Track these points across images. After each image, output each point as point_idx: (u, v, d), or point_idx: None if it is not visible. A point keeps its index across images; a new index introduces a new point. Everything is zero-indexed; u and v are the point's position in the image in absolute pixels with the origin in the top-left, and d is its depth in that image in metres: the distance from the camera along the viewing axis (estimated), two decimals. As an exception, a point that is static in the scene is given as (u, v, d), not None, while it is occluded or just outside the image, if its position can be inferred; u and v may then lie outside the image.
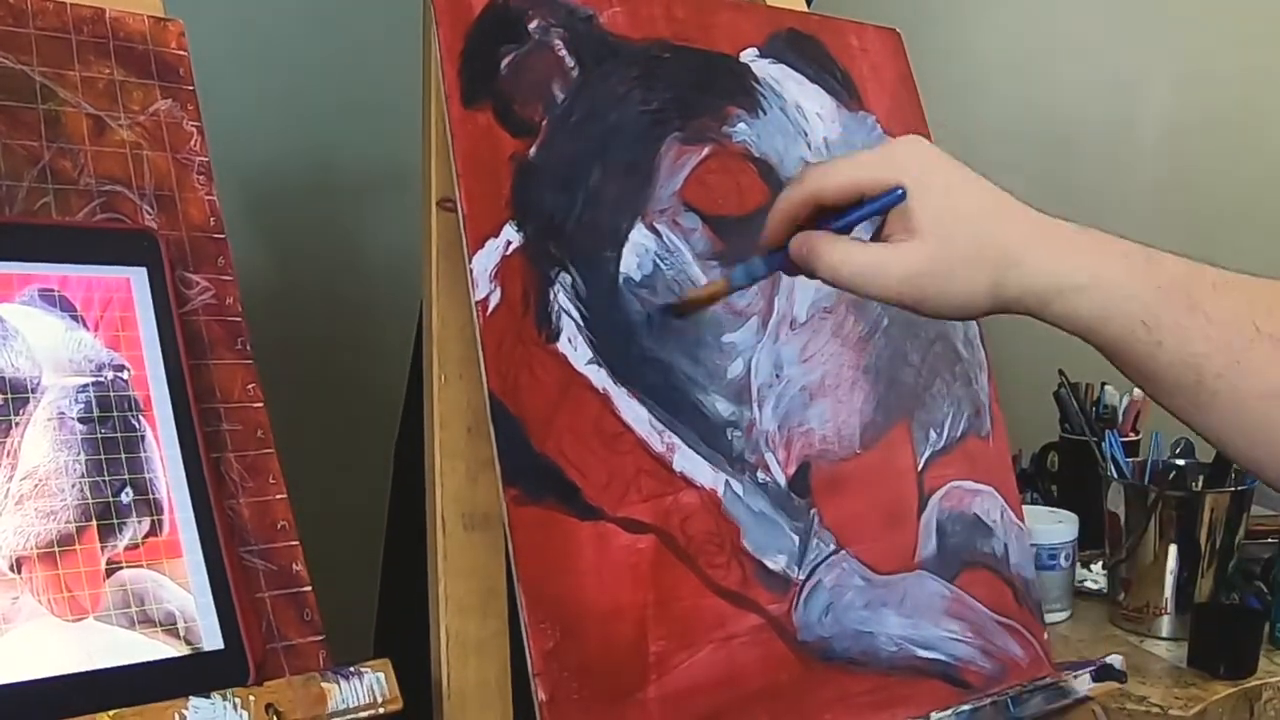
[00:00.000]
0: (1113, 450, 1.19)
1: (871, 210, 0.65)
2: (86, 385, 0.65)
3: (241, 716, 0.60)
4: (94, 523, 0.63)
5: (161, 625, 0.63)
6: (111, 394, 0.66)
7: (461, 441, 0.77)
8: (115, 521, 0.64)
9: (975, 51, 1.85)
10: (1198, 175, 1.80)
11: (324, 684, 0.64)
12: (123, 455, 0.65)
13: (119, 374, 0.67)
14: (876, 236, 0.66)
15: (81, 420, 0.64)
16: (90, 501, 0.63)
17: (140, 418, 0.67)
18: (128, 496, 0.64)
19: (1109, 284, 0.62)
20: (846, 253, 0.65)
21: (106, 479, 0.64)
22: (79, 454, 0.64)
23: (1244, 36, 1.81)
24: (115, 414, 0.66)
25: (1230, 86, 1.81)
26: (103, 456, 0.65)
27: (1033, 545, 0.96)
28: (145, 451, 0.66)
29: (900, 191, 0.64)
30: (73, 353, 0.66)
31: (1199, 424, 0.63)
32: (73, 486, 0.63)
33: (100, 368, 0.66)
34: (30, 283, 0.65)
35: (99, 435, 0.65)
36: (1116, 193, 1.80)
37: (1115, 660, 0.91)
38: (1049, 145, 1.82)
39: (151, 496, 0.65)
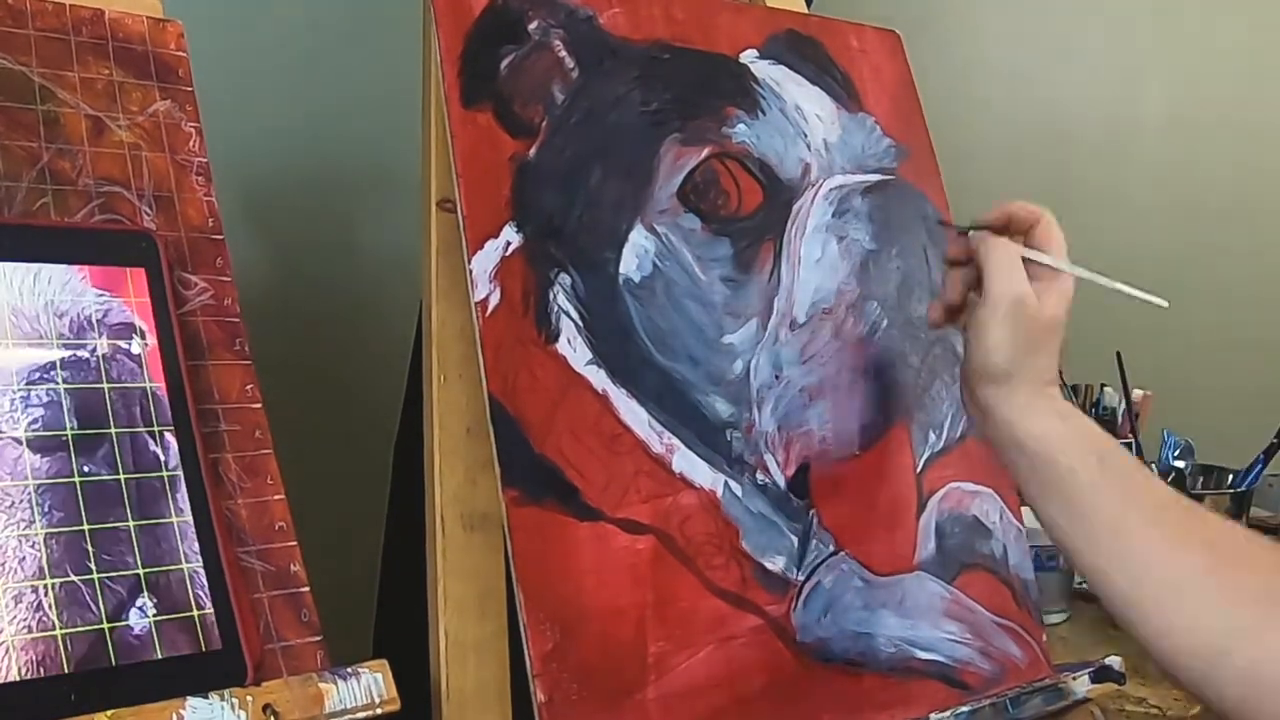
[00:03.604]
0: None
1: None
2: (85, 386, 0.65)
3: (239, 717, 0.60)
4: (92, 523, 0.63)
5: (160, 626, 0.63)
6: (110, 394, 0.66)
7: (461, 442, 0.77)
8: (114, 522, 0.64)
9: (974, 53, 1.85)
10: (1197, 173, 1.81)
11: (322, 684, 0.64)
12: (121, 456, 0.65)
13: (118, 374, 0.67)
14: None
15: (80, 421, 0.64)
16: (89, 502, 0.63)
17: (139, 418, 0.66)
18: (126, 497, 0.64)
19: (1086, 426, 0.76)
20: (1014, 258, 0.77)
21: (105, 479, 0.64)
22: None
23: (1242, 34, 1.81)
24: (114, 414, 0.66)
25: (1229, 84, 1.81)
26: (101, 457, 0.64)
27: (1032, 547, 0.96)
28: (144, 452, 0.66)
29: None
30: (71, 353, 0.65)
31: (1087, 563, 0.73)
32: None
33: (99, 368, 0.66)
34: (29, 283, 0.65)
35: (98, 436, 0.65)
36: (1115, 192, 1.80)
37: (1114, 662, 0.91)
38: (1048, 145, 1.82)
39: (150, 497, 0.65)
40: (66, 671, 0.59)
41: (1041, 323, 0.76)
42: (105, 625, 0.61)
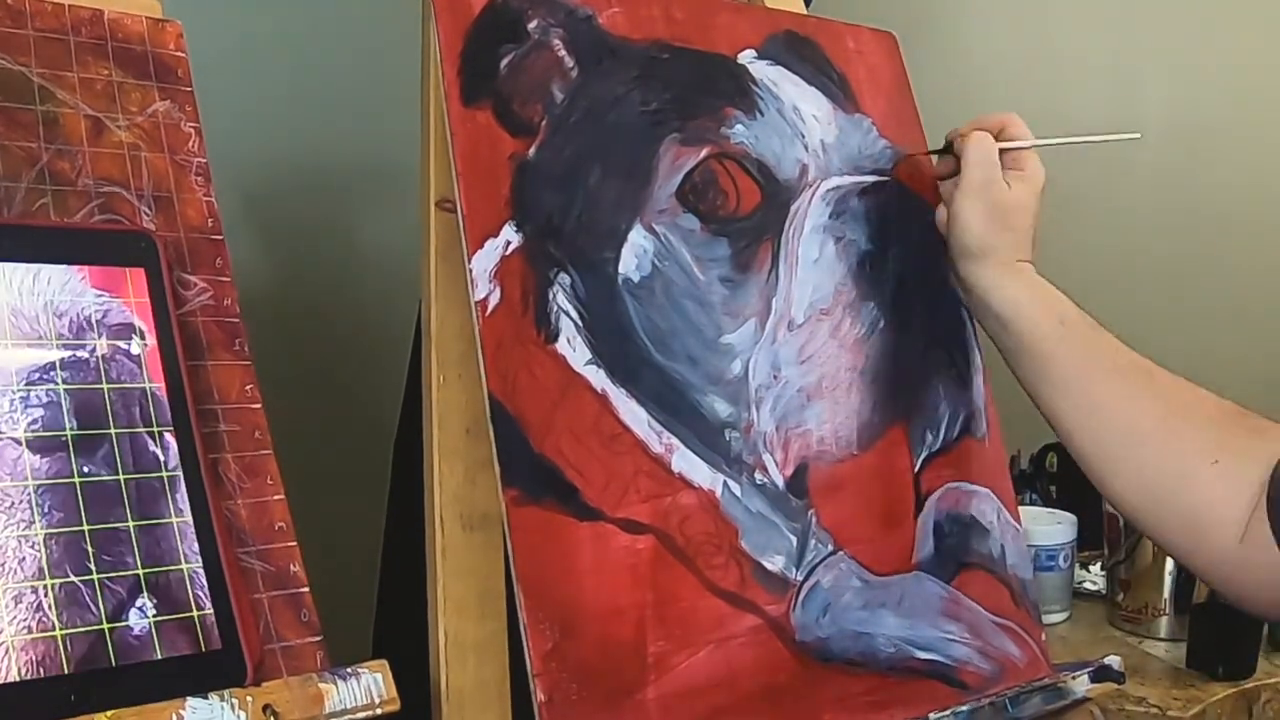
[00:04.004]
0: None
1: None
2: (85, 386, 0.65)
3: (239, 717, 0.60)
4: (92, 523, 0.63)
5: (160, 626, 0.63)
6: (110, 394, 0.66)
7: (460, 442, 0.77)
8: (113, 522, 0.64)
9: (972, 54, 1.85)
10: (1196, 177, 1.80)
11: (321, 685, 0.64)
12: (121, 456, 0.65)
13: (117, 374, 0.67)
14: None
15: (80, 421, 0.64)
16: (88, 502, 0.63)
17: (139, 418, 0.66)
18: (126, 497, 0.64)
19: (1052, 294, 0.86)
20: (990, 149, 0.88)
21: (105, 479, 0.64)
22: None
23: (1242, 35, 1.81)
24: (114, 414, 0.66)
25: (1230, 88, 1.81)
26: (101, 457, 0.65)
27: (1031, 546, 0.96)
28: (144, 452, 0.66)
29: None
30: (71, 353, 0.65)
31: (1060, 422, 0.84)
32: (71, 487, 0.63)
33: (99, 368, 0.66)
34: (29, 283, 0.65)
35: (97, 436, 0.65)
36: (1114, 194, 1.80)
37: (1114, 661, 0.91)
38: (1047, 146, 1.82)
39: (150, 497, 0.65)
40: (66, 672, 0.59)
41: (1010, 203, 0.86)
42: (105, 626, 0.61)
